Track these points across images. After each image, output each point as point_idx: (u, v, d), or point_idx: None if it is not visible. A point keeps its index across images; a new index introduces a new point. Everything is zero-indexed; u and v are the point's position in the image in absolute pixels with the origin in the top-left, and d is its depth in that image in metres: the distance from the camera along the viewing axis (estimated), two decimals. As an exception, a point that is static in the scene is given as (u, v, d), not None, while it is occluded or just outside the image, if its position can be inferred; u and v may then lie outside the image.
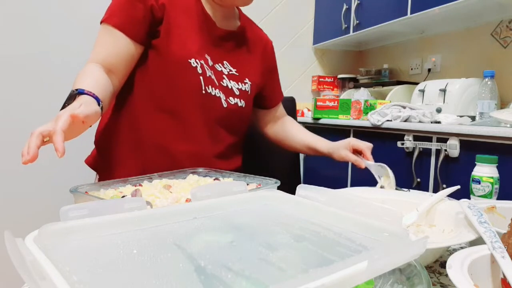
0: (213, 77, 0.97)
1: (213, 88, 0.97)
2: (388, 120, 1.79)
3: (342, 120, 2.13)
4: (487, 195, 0.76)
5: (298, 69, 2.96)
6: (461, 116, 1.68)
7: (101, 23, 0.91)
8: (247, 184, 0.65)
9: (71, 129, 0.61)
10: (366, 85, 2.59)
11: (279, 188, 0.59)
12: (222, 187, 0.50)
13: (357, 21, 2.42)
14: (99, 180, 1.05)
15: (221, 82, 1.00)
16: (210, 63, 0.97)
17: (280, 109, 1.26)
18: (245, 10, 1.14)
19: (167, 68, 0.93)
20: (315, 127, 2.37)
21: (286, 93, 2.90)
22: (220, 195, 0.48)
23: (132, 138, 0.98)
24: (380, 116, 1.82)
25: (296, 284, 0.26)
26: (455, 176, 1.48)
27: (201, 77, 0.95)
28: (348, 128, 2.07)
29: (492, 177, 0.76)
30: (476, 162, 0.78)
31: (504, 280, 0.40)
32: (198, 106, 0.96)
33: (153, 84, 0.95)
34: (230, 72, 1.02)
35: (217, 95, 0.98)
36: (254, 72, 1.09)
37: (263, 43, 1.13)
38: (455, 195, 0.71)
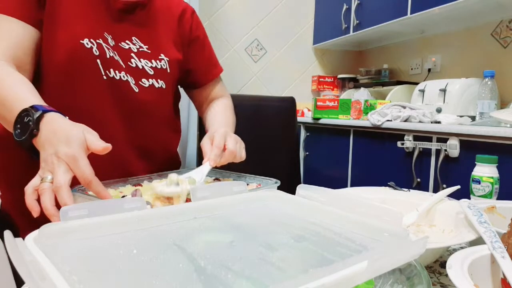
0: (116, 57, 0.83)
1: (117, 72, 0.82)
2: (388, 120, 1.79)
3: (342, 120, 2.13)
4: (487, 195, 0.76)
5: (298, 69, 2.97)
6: (461, 116, 1.68)
7: None
8: (247, 184, 0.65)
9: None
10: (366, 85, 2.59)
11: (279, 188, 0.59)
12: (222, 187, 0.50)
13: (357, 21, 2.42)
14: (2, 196, 0.86)
15: (129, 63, 0.84)
16: (112, 42, 0.83)
17: (217, 88, 1.04)
18: (244, 11, 1.12)
19: (58, 58, 0.78)
20: (315, 127, 2.37)
21: (286, 93, 2.93)
22: (220, 195, 0.48)
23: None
24: (380, 116, 1.82)
25: (296, 284, 0.26)
26: (455, 176, 1.48)
27: (98, 60, 0.80)
28: (348, 128, 2.07)
29: (492, 177, 0.76)
30: (476, 162, 0.78)
31: (504, 280, 0.40)
32: (104, 95, 0.81)
33: (49, 84, 0.79)
34: (141, 49, 0.87)
35: (124, 79, 0.83)
36: (171, 46, 0.92)
37: (180, 11, 0.96)
38: (455, 195, 0.71)
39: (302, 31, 2.93)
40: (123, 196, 0.62)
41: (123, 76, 0.83)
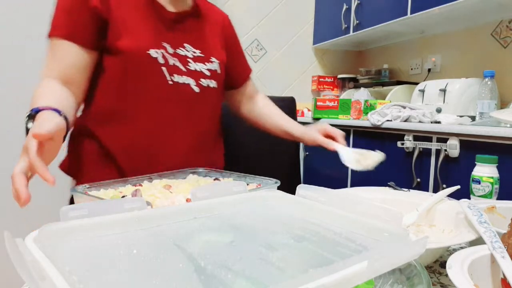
0: (177, 64, 0.93)
1: (180, 76, 0.93)
2: (388, 120, 1.79)
3: (342, 120, 2.13)
4: (487, 195, 0.76)
5: (298, 69, 2.96)
6: (461, 116, 1.68)
7: (48, 37, 0.87)
8: (247, 184, 0.65)
9: (45, 151, 0.60)
10: (366, 85, 2.59)
11: (279, 188, 0.59)
12: (222, 187, 0.50)
13: (357, 21, 2.42)
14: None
15: (188, 67, 0.95)
16: (171, 50, 0.92)
17: (251, 85, 1.20)
18: (244, 11, 1.14)
19: (126, 68, 0.88)
20: (315, 127, 2.37)
21: (286, 93, 2.93)
22: (220, 195, 0.48)
23: (98, 149, 0.92)
24: (380, 116, 1.82)
25: (296, 284, 0.26)
26: (455, 176, 1.48)
27: (163, 68, 0.90)
28: (348, 128, 2.07)
29: (492, 177, 0.76)
30: (476, 162, 0.78)
31: (504, 280, 0.40)
32: (169, 98, 0.92)
33: (114, 92, 0.90)
34: (195, 55, 0.97)
35: (186, 82, 0.94)
36: (218, 50, 1.05)
37: (221, 19, 1.09)
38: (455, 195, 0.71)
39: (302, 31, 2.93)
40: (123, 196, 0.62)
41: (186, 80, 0.94)
